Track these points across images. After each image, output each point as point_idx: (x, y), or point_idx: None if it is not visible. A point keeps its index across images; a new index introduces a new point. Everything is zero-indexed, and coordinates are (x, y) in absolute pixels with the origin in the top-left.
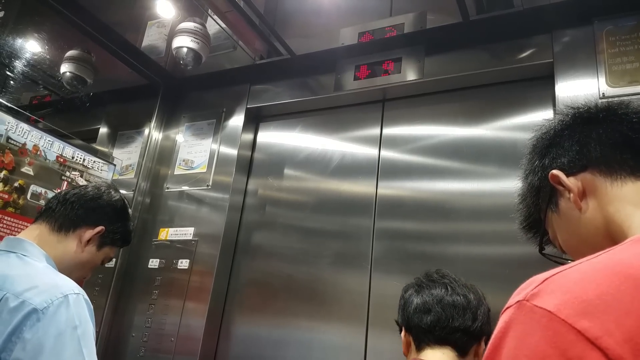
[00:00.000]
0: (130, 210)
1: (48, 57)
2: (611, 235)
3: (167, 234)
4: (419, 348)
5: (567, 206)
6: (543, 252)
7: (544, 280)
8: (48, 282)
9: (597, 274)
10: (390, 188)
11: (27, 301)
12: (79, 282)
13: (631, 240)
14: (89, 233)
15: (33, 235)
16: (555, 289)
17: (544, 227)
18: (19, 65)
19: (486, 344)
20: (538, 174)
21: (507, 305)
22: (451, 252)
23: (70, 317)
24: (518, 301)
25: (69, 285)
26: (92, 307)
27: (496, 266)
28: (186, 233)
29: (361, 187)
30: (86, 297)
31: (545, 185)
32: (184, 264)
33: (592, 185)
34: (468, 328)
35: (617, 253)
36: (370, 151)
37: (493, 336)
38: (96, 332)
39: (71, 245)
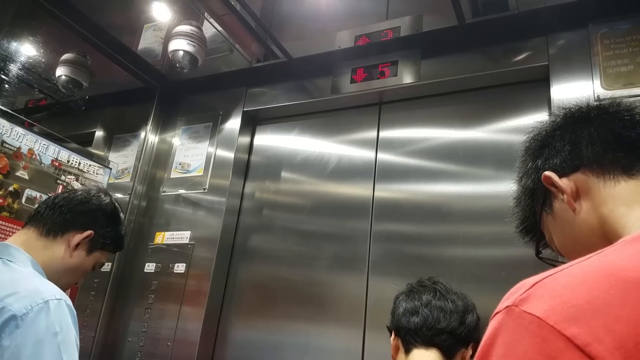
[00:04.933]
0: (122, 215)
1: (43, 60)
2: (606, 236)
3: (164, 237)
4: (407, 350)
5: (561, 208)
6: (540, 255)
7: (533, 285)
8: (29, 288)
9: (587, 277)
10: (387, 190)
11: (6, 307)
12: (71, 288)
13: (623, 241)
14: (77, 237)
15: (20, 240)
16: (545, 293)
17: (539, 230)
18: (14, 68)
19: (474, 350)
20: (531, 176)
21: (496, 311)
22: (448, 254)
23: (51, 324)
24: (507, 306)
25: (51, 291)
26: (75, 312)
27: (493, 268)
28: (182, 237)
29: (358, 190)
30: (69, 302)
31: (539, 187)
32: (180, 267)
33: (585, 186)
34: (454, 330)
35: (609, 255)
36: (367, 154)
37: (482, 342)
38: (92, 337)
39: (59, 250)
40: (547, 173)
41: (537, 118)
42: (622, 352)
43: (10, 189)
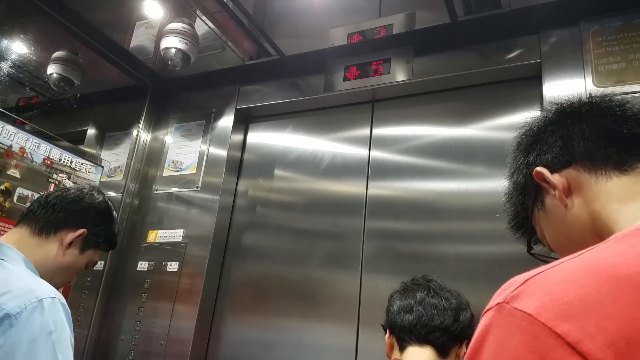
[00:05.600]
0: (114, 213)
1: (35, 58)
2: (598, 232)
3: (156, 236)
4: (402, 348)
5: (553, 203)
6: (531, 251)
7: (524, 282)
8: (22, 287)
9: (579, 274)
10: (381, 188)
11: (0, 306)
12: (64, 286)
13: (615, 237)
14: (70, 236)
15: (13, 239)
16: (536, 290)
17: (531, 225)
18: (5, 66)
19: (468, 347)
20: (523, 172)
21: (487, 308)
22: (441, 251)
23: (45, 322)
24: (498, 303)
25: (45, 289)
26: (69, 311)
27: (486, 265)
28: (175, 235)
29: (351, 188)
30: (63, 300)
31: (531, 182)
32: (173, 266)
33: (577, 182)
34: (448, 328)
35: (600, 251)
36: (360, 151)
37: (473, 339)
38: (85, 335)
39: (52, 249)
40: (538, 169)
41: (530, 115)
42: (614, 350)
43: (2, 187)
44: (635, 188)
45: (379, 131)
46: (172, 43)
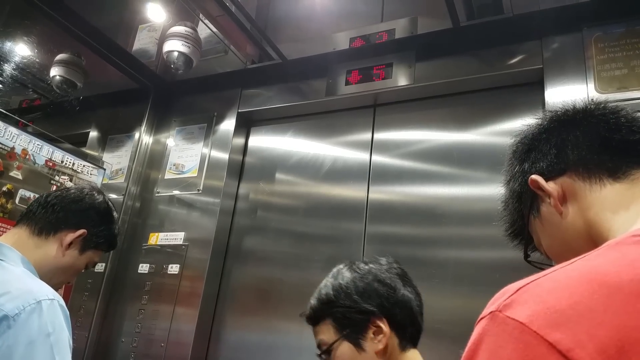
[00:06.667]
0: (115, 213)
1: (38, 60)
2: (593, 239)
3: (157, 238)
4: (403, 348)
5: (548, 211)
6: (528, 259)
7: (517, 290)
8: (21, 288)
9: (571, 282)
10: (382, 193)
11: None
12: (65, 287)
13: (607, 246)
14: (70, 236)
15: (12, 239)
16: (528, 298)
17: (527, 233)
18: (8, 68)
19: None
20: (518, 180)
21: (481, 316)
22: (442, 256)
23: (43, 324)
24: (491, 312)
25: (43, 291)
26: (68, 313)
27: (486, 270)
28: (176, 238)
29: (352, 192)
30: (62, 302)
31: (526, 190)
32: (174, 268)
33: (572, 189)
34: None
35: (592, 259)
36: (362, 156)
37: (467, 348)
38: (85, 337)
39: (51, 249)
40: (533, 177)
41: (531, 121)
42: (604, 357)
43: (4, 189)
44: (628, 195)
45: (381, 135)
46: (175, 46)
